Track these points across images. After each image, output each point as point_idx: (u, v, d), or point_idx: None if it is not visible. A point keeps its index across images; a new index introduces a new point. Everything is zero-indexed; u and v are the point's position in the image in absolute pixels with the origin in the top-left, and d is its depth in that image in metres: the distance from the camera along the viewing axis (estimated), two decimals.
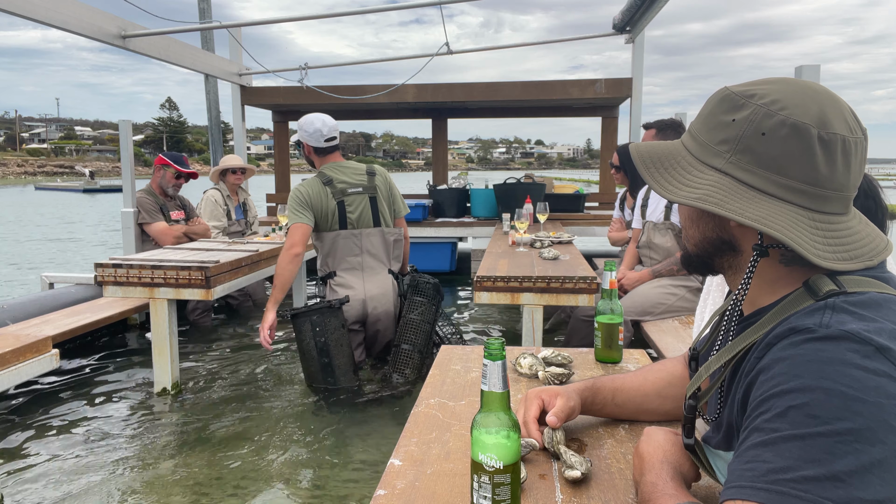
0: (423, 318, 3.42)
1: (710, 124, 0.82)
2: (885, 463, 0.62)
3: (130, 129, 4.77)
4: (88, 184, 42.12)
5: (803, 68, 2.83)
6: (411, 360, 3.38)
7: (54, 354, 2.79)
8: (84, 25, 4.12)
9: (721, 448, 0.85)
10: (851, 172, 0.76)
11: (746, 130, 0.78)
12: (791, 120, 0.75)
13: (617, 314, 1.55)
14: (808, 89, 0.78)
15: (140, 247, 4.62)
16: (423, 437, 1.17)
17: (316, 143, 3.38)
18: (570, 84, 6.48)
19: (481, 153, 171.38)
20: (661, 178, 0.85)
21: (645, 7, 5.31)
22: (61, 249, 11.48)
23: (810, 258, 0.73)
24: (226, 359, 4.01)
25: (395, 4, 4.86)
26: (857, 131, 0.77)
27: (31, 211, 22.19)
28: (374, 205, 3.45)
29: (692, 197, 0.80)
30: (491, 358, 0.85)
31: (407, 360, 3.38)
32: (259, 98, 6.94)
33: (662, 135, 3.52)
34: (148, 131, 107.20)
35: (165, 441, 2.85)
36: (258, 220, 5.61)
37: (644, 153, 0.88)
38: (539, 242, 4.03)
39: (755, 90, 0.79)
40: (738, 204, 0.77)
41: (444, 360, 1.63)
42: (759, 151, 0.77)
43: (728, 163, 0.79)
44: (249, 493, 2.38)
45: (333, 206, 3.34)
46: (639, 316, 3.36)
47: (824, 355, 0.67)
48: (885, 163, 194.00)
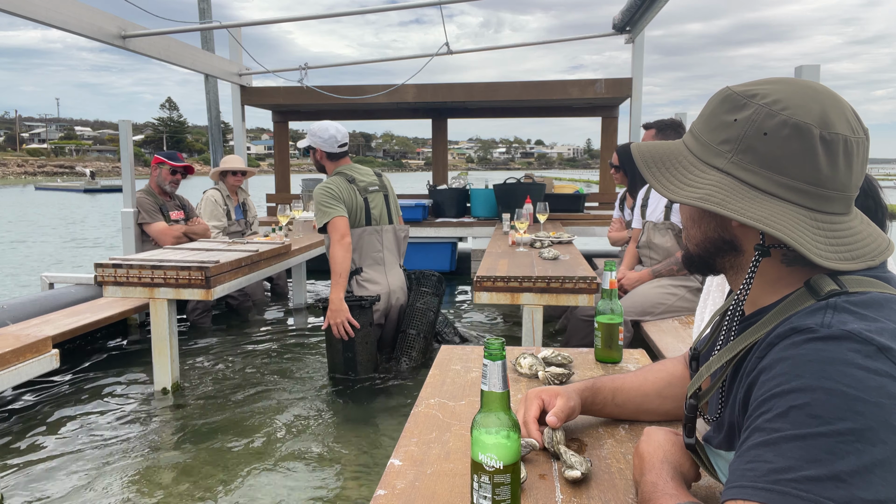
0: (427, 306, 3.66)
1: (712, 124, 0.82)
2: (887, 463, 0.62)
3: (130, 129, 4.77)
4: (89, 184, 41.97)
5: (803, 68, 2.83)
6: (417, 343, 3.62)
7: (54, 354, 2.79)
8: (84, 25, 4.12)
9: (722, 448, 0.85)
10: (853, 172, 0.76)
11: (748, 130, 0.78)
12: (793, 120, 0.75)
13: (617, 314, 1.55)
14: (810, 89, 0.78)
15: (140, 247, 4.62)
16: (423, 437, 1.17)
17: (330, 148, 3.57)
18: (570, 84, 6.48)
19: (481, 153, 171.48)
20: (662, 177, 0.85)
21: (645, 7, 5.31)
22: (65, 249, 11.49)
23: (812, 258, 0.73)
24: (225, 359, 4.01)
25: (395, 4, 4.87)
26: (858, 131, 0.76)
27: (31, 210, 22.14)
28: (388, 203, 3.69)
29: (694, 197, 0.80)
30: (491, 358, 0.85)
31: (413, 343, 3.61)
32: (259, 98, 6.94)
33: (662, 135, 3.52)
34: (148, 131, 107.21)
35: (165, 441, 2.85)
36: (258, 220, 5.61)
37: (646, 153, 0.88)
38: (539, 242, 4.03)
39: (757, 90, 0.79)
40: (739, 204, 0.77)
41: (444, 360, 1.63)
42: (761, 151, 0.77)
43: (730, 163, 0.79)
44: (250, 492, 2.38)
45: (361, 202, 3.53)
46: (639, 316, 3.36)
47: (826, 355, 0.67)
48: (885, 163, 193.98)
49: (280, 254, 4.09)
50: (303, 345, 4.30)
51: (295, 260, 4.46)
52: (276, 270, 4.10)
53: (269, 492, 2.39)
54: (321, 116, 7.99)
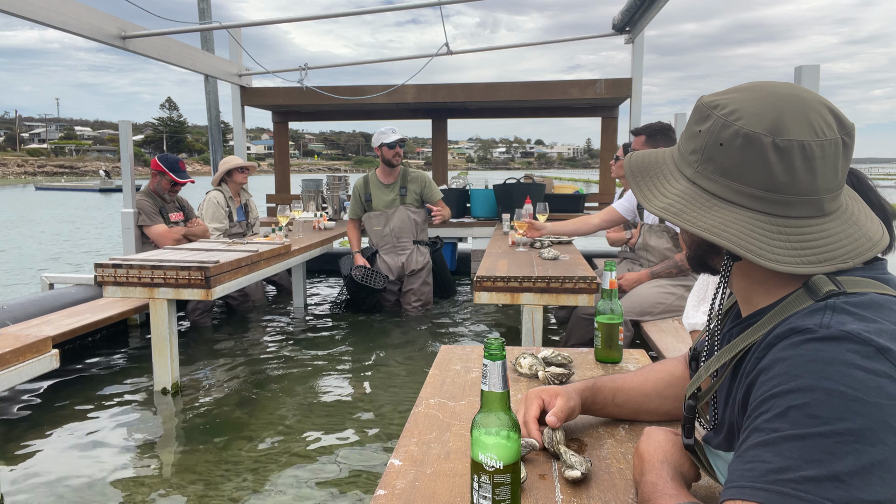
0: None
1: (686, 134, 0.85)
2: (886, 463, 0.62)
3: (130, 129, 4.77)
4: (105, 183, 41.37)
5: (803, 69, 2.82)
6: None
7: (54, 355, 2.79)
8: (84, 26, 4.12)
9: (721, 448, 0.86)
10: (818, 176, 0.76)
11: (708, 141, 0.80)
12: (744, 130, 0.77)
13: (617, 314, 1.55)
14: (772, 96, 0.78)
15: (140, 248, 4.62)
16: (423, 437, 1.17)
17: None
18: (569, 84, 6.48)
19: (481, 153, 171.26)
20: (644, 186, 0.88)
21: (645, 7, 5.31)
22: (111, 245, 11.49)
23: (762, 263, 0.75)
24: (225, 359, 4.01)
25: (392, 5, 4.87)
26: (825, 133, 0.76)
27: (58, 213, 21.62)
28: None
29: (659, 206, 0.83)
30: (491, 358, 0.85)
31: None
32: (259, 98, 6.94)
33: (652, 140, 3.53)
34: (148, 131, 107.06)
35: (165, 441, 2.85)
36: (259, 221, 5.61)
37: (634, 162, 0.91)
38: (539, 242, 4.03)
39: (720, 101, 0.81)
40: (695, 213, 0.80)
41: (444, 360, 1.63)
42: (719, 161, 0.79)
43: (696, 172, 0.82)
44: (250, 491, 2.38)
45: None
46: (638, 316, 3.36)
47: (825, 355, 0.67)
48: (885, 162, 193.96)
49: (280, 254, 4.09)
50: (303, 344, 4.31)
51: (295, 260, 4.46)
52: (276, 270, 4.10)
53: (270, 491, 2.39)
54: (321, 117, 8.00)
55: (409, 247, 5.11)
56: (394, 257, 5.09)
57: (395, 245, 5.09)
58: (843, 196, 0.81)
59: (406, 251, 5.10)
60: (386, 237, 5.09)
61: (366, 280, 4.91)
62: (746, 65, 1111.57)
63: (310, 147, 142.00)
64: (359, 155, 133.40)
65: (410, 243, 5.12)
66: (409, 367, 3.80)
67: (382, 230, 5.08)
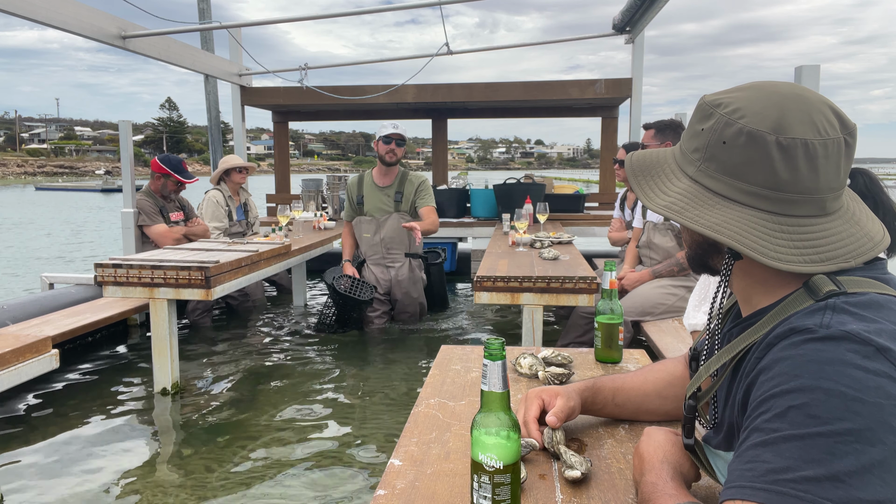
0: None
1: (689, 133, 0.86)
2: (885, 463, 0.62)
3: (130, 129, 4.77)
4: (107, 183, 41.43)
5: (803, 69, 2.82)
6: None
7: (54, 355, 2.79)
8: (84, 26, 4.12)
9: (721, 448, 0.86)
10: (820, 175, 0.76)
11: (711, 139, 0.81)
12: (748, 128, 0.77)
13: (617, 314, 1.55)
14: (775, 95, 0.79)
15: (140, 248, 4.62)
16: (423, 437, 1.17)
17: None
18: (569, 84, 6.48)
19: (481, 153, 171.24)
20: (645, 184, 0.88)
21: (645, 7, 5.31)
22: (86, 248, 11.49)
23: (763, 260, 0.75)
24: (225, 359, 4.01)
25: (392, 5, 4.87)
26: (828, 133, 0.76)
27: (68, 214, 21.83)
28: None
29: (661, 204, 0.83)
30: (491, 358, 0.85)
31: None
32: (259, 98, 6.94)
33: (661, 135, 3.52)
34: (148, 131, 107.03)
35: (165, 441, 2.85)
36: (259, 220, 5.61)
37: (635, 161, 0.91)
38: (539, 243, 4.03)
39: (722, 99, 0.81)
40: (697, 211, 0.80)
41: (444, 360, 1.63)
42: (722, 159, 0.79)
43: (698, 170, 0.82)
44: (251, 492, 2.38)
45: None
46: (639, 316, 3.36)
47: (824, 355, 0.67)
48: (885, 162, 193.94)
49: (280, 254, 4.09)
50: (303, 344, 4.31)
51: (295, 260, 4.45)
52: (276, 270, 4.10)
53: (270, 491, 2.39)
54: (321, 117, 8.00)
55: (400, 259, 4.56)
56: (382, 269, 4.56)
57: (384, 256, 4.55)
58: (845, 196, 0.81)
59: (396, 264, 4.55)
60: (375, 246, 4.53)
61: (351, 291, 4.40)
62: (746, 65, 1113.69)
63: (310, 147, 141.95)
64: (359, 155, 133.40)
65: (402, 255, 4.55)
66: (410, 367, 3.81)
67: (372, 238, 4.53)
